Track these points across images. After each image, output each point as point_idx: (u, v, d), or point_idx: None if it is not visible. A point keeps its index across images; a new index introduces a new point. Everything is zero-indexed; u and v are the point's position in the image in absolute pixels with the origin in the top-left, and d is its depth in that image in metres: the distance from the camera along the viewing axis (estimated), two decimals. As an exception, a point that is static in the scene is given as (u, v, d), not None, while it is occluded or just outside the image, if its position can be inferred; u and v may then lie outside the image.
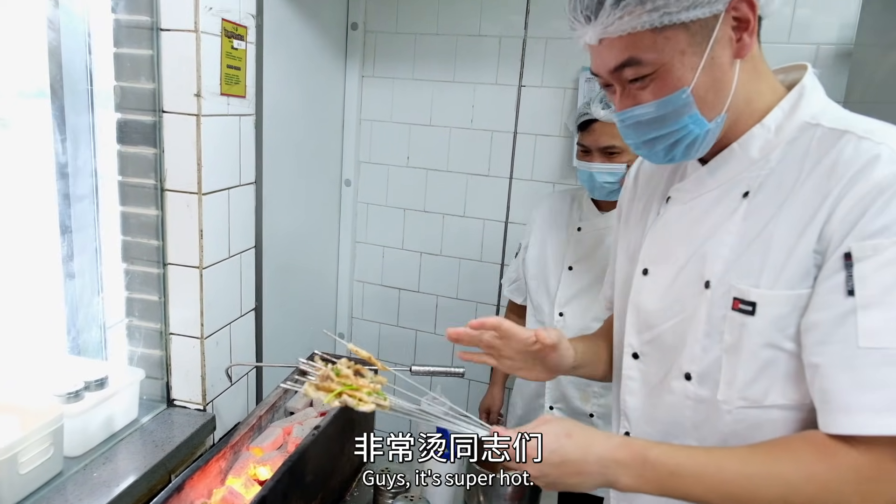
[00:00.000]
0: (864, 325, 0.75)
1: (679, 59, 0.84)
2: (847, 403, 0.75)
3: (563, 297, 1.80)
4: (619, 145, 1.62)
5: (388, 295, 2.71)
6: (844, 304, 0.76)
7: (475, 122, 2.42)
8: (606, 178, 1.65)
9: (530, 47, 2.29)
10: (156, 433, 1.48)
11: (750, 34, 0.84)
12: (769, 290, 0.83)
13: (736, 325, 0.87)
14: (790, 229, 0.83)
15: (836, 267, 0.77)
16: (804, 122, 0.87)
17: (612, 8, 0.83)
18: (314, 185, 2.39)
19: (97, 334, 1.60)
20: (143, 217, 1.49)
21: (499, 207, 2.46)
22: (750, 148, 0.90)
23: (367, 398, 0.94)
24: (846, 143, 0.80)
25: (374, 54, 2.49)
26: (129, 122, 1.45)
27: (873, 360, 0.74)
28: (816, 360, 0.78)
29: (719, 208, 0.92)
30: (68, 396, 1.30)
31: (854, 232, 0.76)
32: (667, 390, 0.97)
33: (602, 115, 1.62)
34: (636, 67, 0.86)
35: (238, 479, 1.29)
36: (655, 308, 0.99)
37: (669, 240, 0.99)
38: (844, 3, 1.94)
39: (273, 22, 1.83)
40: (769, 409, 0.86)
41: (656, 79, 0.86)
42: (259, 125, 1.69)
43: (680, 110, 0.86)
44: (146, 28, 1.39)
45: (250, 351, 1.79)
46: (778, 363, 0.84)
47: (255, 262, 1.75)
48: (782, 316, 0.83)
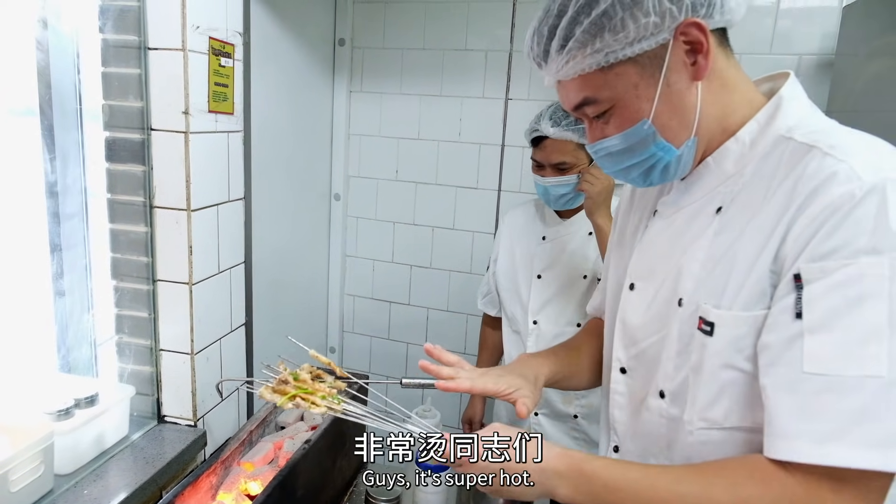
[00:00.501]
0: (809, 350, 0.72)
1: (633, 92, 0.85)
2: (787, 429, 0.73)
3: (536, 305, 1.83)
4: (569, 161, 1.64)
5: (378, 308, 2.71)
6: (792, 327, 0.74)
7: (463, 135, 2.45)
8: (560, 191, 1.69)
9: (516, 61, 2.32)
10: (147, 450, 1.48)
11: (705, 56, 0.83)
12: (727, 310, 0.82)
13: (698, 345, 0.86)
14: (752, 248, 0.81)
15: (788, 288, 0.75)
16: (779, 136, 0.85)
17: (557, 54, 0.86)
18: (304, 200, 2.40)
19: (87, 351, 1.60)
20: (132, 234, 1.50)
21: (488, 220, 2.48)
22: (724, 162, 0.89)
23: (321, 402, 0.96)
24: (811, 158, 0.78)
25: (361, 69, 2.52)
26: (118, 140, 1.46)
27: (815, 386, 0.72)
28: (764, 381, 0.77)
29: (695, 224, 0.91)
30: (58, 414, 1.30)
31: (805, 253, 0.74)
32: (645, 407, 0.96)
33: (552, 133, 1.63)
34: (593, 106, 0.88)
35: (229, 494, 1.29)
36: (639, 324, 0.98)
37: (653, 255, 0.99)
38: (825, 13, 1.97)
39: (260, 39, 1.85)
40: (731, 431, 0.84)
41: (615, 114, 0.88)
42: (247, 141, 1.70)
43: (645, 140, 0.87)
44: (134, 47, 1.40)
45: (241, 366, 1.79)
46: (737, 385, 0.82)
47: (244, 277, 1.75)
48: (739, 337, 0.81)
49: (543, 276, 1.82)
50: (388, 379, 1.13)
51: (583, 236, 1.79)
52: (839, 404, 0.70)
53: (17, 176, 1.46)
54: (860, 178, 0.72)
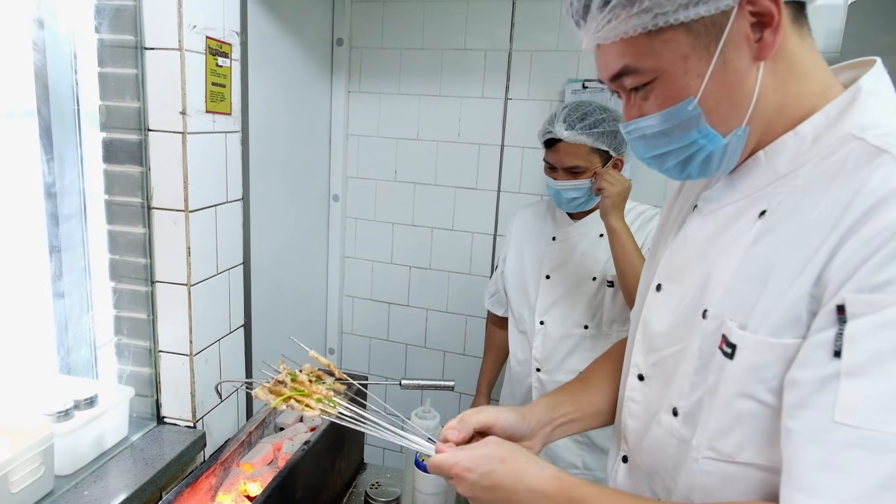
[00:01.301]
0: (843, 396, 0.62)
1: (681, 65, 0.73)
2: (809, 483, 0.64)
3: (543, 306, 1.82)
4: (582, 165, 1.64)
5: (377, 309, 2.71)
6: (828, 367, 0.64)
7: (462, 135, 2.44)
8: (571, 195, 1.68)
9: (516, 60, 2.32)
10: (146, 451, 1.47)
11: (774, 31, 0.70)
12: (753, 333, 0.71)
13: (718, 367, 0.75)
14: (792, 265, 0.69)
15: (828, 320, 0.64)
16: (848, 134, 0.71)
17: (599, 11, 0.74)
18: (302, 201, 2.40)
19: (87, 353, 1.59)
20: (130, 235, 1.50)
21: (487, 220, 2.47)
22: (777, 159, 0.76)
23: (316, 404, 0.94)
24: (879, 165, 0.65)
25: (359, 70, 2.52)
26: (115, 141, 1.45)
27: (845, 438, 0.62)
28: (790, 423, 0.67)
29: (735, 226, 0.79)
30: (58, 415, 1.30)
31: (852, 281, 0.63)
32: (657, 422, 0.87)
33: (565, 136, 1.62)
34: (634, 76, 0.76)
35: (228, 495, 1.29)
36: (661, 330, 0.89)
37: (685, 255, 0.88)
38: (831, 11, 1.96)
39: (258, 39, 1.85)
40: (743, 466, 0.74)
41: (657, 88, 0.76)
42: (245, 142, 1.70)
43: (686, 124, 0.75)
44: (130, 47, 1.40)
45: (240, 367, 1.78)
46: (756, 417, 0.72)
47: (243, 278, 1.75)
48: (763, 365, 0.70)
49: (552, 276, 1.82)
50: (387, 380, 1.13)
51: (594, 238, 1.78)
52: (871, 464, 0.61)
53: (15, 178, 1.45)
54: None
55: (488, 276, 2.49)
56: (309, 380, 0.99)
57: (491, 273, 2.48)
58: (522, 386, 1.91)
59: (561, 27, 2.23)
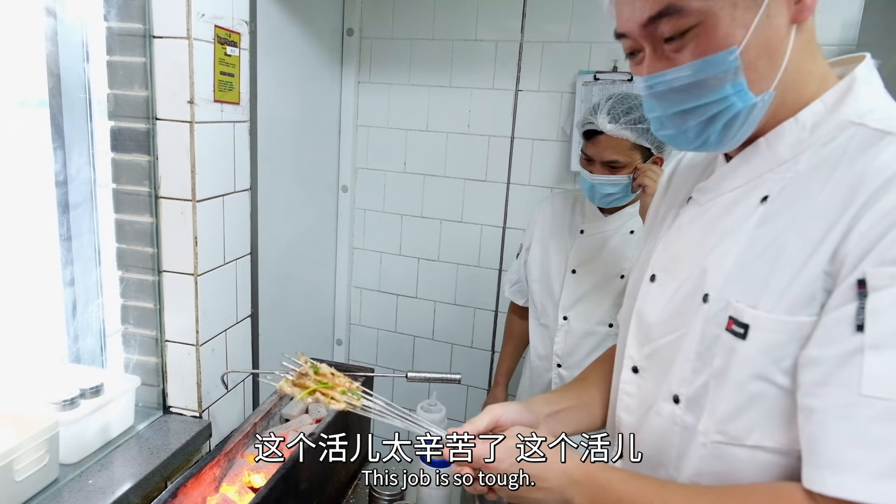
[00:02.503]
0: (870, 369, 0.62)
1: (730, 10, 0.69)
2: (838, 460, 0.63)
3: (567, 301, 1.79)
4: (622, 160, 1.59)
5: (385, 301, 2.71)
6: (851, 341, 0.64)
7: (472, 127, 2.42)
8: (607, 190, 1.63)
9: (527, 51, 2.30)
10: (152, 440, 1.47)
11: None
12: (767, 312, 0.71)
13: (726, 349, 0.75)
14: (803, 244, 0.70)
15: (848, 296, 0.65)
16: (846, 121, 0.73)
17: None
18: (311, 192, 2.39)
19: (96, 342, 1.60)
20: (137, 224, 1.49)
21: (496, 213, 2.46)
22: (778, 145, 0.77)
23: (340, 397, 0.94)
24: (886, 146, 0.67)
25: (370, 60, 2.50)
26: (123, 130, 1.45)
27: (875, 412, 0.61)
28: (811, 402, 0.67)
29: (734, 213, 0.80)
30: (64, 404, 1.30)
31: (872, 254, 0.63)
32: (655, 412, 0.87)
33: (609, 129, 1.56)
34: (676, 18, 0.71)
35: (232, 486, 1.28)
36: (656, 319, 0.89)
37: (681, 245, 0.88)
38: (847, 3, 1.92)
39: (267, 28, 1.84)
40: (752, 449, 0.74)
41: (699, 35, 0.71)
42: (254, 132, 1.69)
43: (723, 76, 0.72)
44: (139, 35, 1.39)
45: (246, 358, 1.78)
46: (767, 399, 0.72)
47: (250, 268, 1.74)
48: (777, 345, 0.71)
49: (578, 271, 1.78)
50: (394, 372, 1.12)
51: (624, 234, 1.73)
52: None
53: (27, 166, 1.45)
54: None
55: (497, 269, 2.48)
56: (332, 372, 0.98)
57: (500, 266, 2.47)
58: (542, 380, 1.89)
59: (573, 18, 2.21)
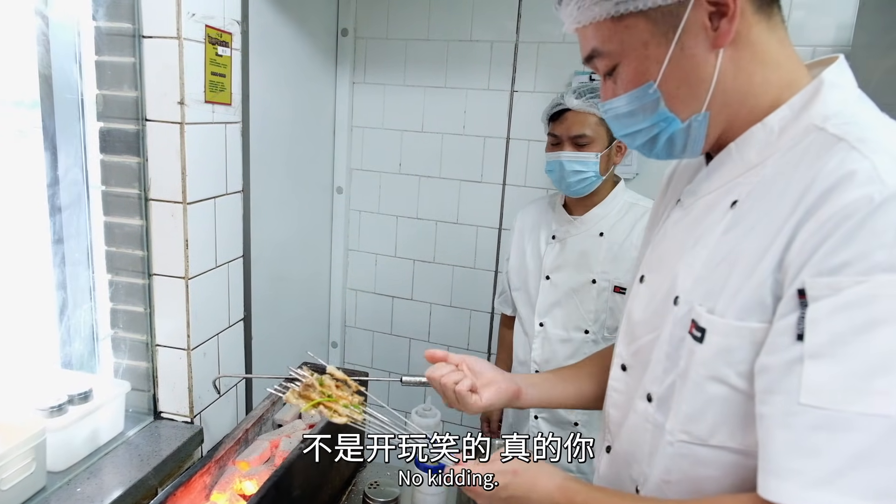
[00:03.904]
0: (808, 378, 0.64)
1: (642, 51, 0.78)
2: (780, 466, 0.65)
3: (543, 307, 1.78)
4: (589, 134, 1.61)
5: (381, 303, 2.69)
6: (792, 350, 0.65)
7: (467, 127, 2.41)
8: (575, 167, 1.63)
9: (522, 52, 2.28)
10: (142, 447, 1.45)
11: (730, 20, 0.73)
12: (720, 317, 0.74)
13: (688, 351, 0.78)
14: (756, 250, 0.72)
15: (791, 305, 0.66)
16: (811, 125, 0.74)
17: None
18: (305, 193, 2.37)
19: (89, 346, 1.57)
20: (127, 227, 1.47)
21: (492, 214, 2.44)
22: (747, 150, 0.79)
23: (343, 410, 0.97)
24: (836, 152, 0.68)
25: (364, 60, 2.48)
26: (112, 131, 1.43)
27: (811, 420, 0.63)
28: (762, 409, 0.69)
29: (709, 217, 0.82)
30: (51, 410, 1.28)
31: (810, 264, 0.65)
32: (633, 409, 0.91)
33: (575, 105, 1.61)
34: (601, 59, 0.82)
35: (223, 494, 1.26)
36: (640, 319, 0.92)
37: (666, 247, 0.92)
38: (841, 3, 1.91)
39: (260, 28, 1.81)
40: (716, 449, 0.76)
41: (622, 72, 0.81)
42: (246, 133, 1.67)
43: (648, 106, 0.80)
44: (128, 35, 1.37)
45: (239, 362, 1.76)
46: (725, 401, 0.74)
47: (243, 271, 1.72)
48: (730, 349, 0.73)
49: (552, 277, 1.77)
50: (389, 376, 1.11)
51: (594, 237, 1.72)
52: (836, 444, 0.62)
53: (19, 167, 1.43)
54: (882, 180, 0.62)
55: (493, 270, 2.47)
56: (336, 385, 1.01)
57: (496, 267, 2.46)
58: None
59: (569, 18, 2.19)
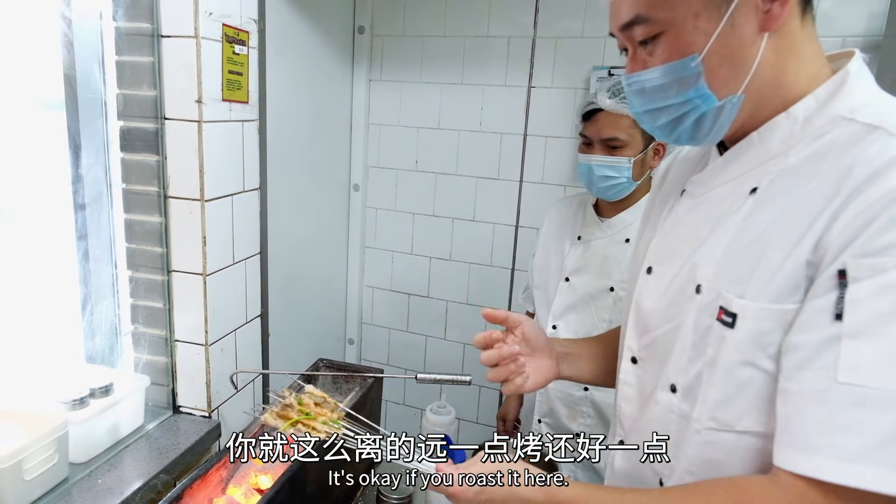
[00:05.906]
0: (846, 357, 0.65)
1: (692, 21, 0.75)
2: (811, 442, 0.67)
3: (558, 310, 1.75)
4: (622, 137, 1.55)
5: (397, 300, 2.70)
6: (830, 329, 0.66)
7: (484, 124, 2.40)
8: (606, 172, 1.58)
9: (540, 47, 2.27)
10: (161, 440, 1.47)
11: (781, 4, 0.73)
12: (753, 301, 0.74)
13: (717, 338, 0.79)
14: (789, 235, 0.72)
15: (828, 285, 0.67)
16: (838, 116, 0.75)
17: None
18: (322, 191, 2.38)
19: (111, 341, 1.60)
20: (146, 224, 1.49)
21: (509, 211, 2.44)
22: (770, 139, 0.79)
23: (321, 427, 0.98)
24: (874, 140, 0.69)
25: (381, 58, 2.49)
26: (132, 130, 1.45)
27: (849, 397, 0.64)
28: (789, 385, 0.70)
29: (725, 204, 0.83)
30: (73, 403, 1.30)
31: (853, 246, 0.65)
32: (654, 401, 0.90)
33: (608, 105, 1.54)
34: (644, 26, 0.78)
35: (239, 488, 1.28)
36: (653, 310, 0.92)
37: (676, 237, 0.92)
38: (874, -7, 1.87)
39: (276, 26, 1.83)
40: (742, 434, 0.78)
41: (665, 41, 0.78)
42: (263, 131, 1.68)
43: (686, 80, 0.78)
44: (147, 35, 1.39)
45: (256, 358, 1.78)
46: (756, 384, 0.75)
47: (260, 268, 1.74)
48: (764, 332, 0.73)
49: (571, 279, 1.73)
50: (405, 373, 1.12)
51: (619, 242, 1.67)
52: (874, 420, 0.63)
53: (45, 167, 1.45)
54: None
55: (510, 268, 2.46)
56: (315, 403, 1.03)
57: (513, 265, 2.45)
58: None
59: (586, 14, 2.18)
